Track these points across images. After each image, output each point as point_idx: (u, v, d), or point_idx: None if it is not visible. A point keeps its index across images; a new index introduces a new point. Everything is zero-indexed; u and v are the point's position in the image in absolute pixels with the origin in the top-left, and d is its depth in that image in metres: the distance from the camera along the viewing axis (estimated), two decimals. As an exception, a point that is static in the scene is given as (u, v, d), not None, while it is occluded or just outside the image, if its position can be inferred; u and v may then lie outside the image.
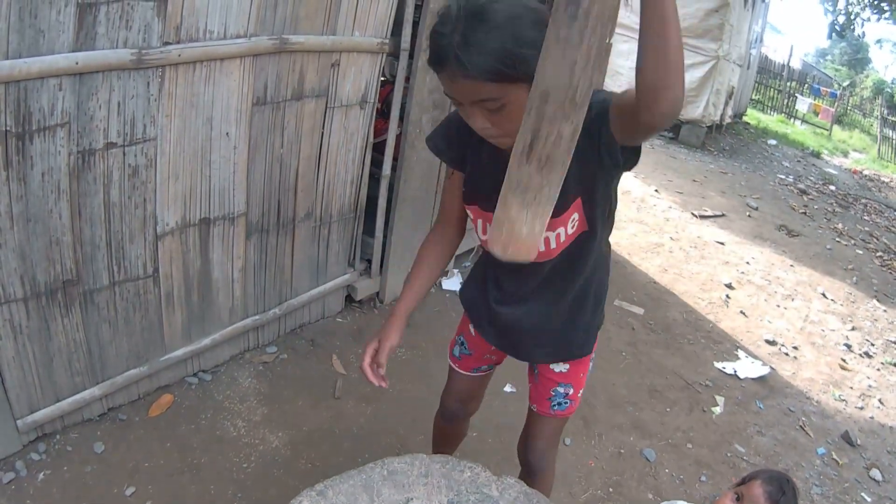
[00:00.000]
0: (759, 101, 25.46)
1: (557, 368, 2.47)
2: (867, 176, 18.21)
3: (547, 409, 2.53)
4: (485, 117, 1.76)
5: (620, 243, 7.51)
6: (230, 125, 3.28)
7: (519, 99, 1.66)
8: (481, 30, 1.61)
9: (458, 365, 2.73)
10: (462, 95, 1.74)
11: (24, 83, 2.43)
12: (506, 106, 1.70)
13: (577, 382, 2.50)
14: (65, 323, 2.98)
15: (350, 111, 3.95)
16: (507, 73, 1.63)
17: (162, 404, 3.52)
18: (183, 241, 3.35)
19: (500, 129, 1.78)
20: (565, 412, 2.54)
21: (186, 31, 2.88)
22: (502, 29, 1.62)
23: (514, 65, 1.62)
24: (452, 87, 1.73)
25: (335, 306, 4.62)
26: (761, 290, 7.26)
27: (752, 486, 2.45)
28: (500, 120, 1.75)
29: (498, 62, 1.62)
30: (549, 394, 2.50)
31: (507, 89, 1.67)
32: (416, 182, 4.63)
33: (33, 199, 2.64)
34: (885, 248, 10.39)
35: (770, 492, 2.40)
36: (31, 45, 2.40)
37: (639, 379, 4.87)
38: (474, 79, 1.65)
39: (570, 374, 2.47)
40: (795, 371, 5.65)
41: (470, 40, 1.61)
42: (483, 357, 2.66)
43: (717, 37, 13.27)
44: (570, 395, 2.50)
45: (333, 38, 3.60)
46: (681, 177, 11.46)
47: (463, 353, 2.70)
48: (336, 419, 3.74)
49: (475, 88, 1.68)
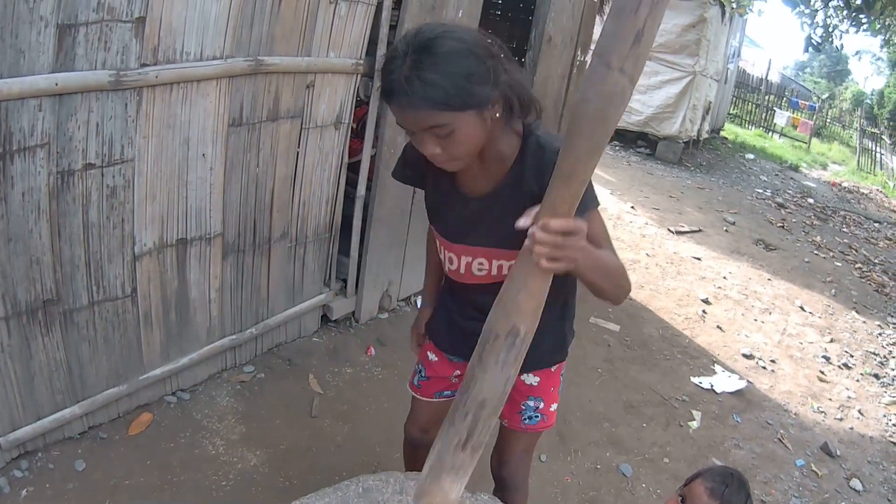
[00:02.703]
0: (737, 115, 25.59)
1: (528, 381, 2.49)
2: (846, 188, 18.32)
3: (518, 423, 2.55)
4: (435, 143, 1.85)
5: (597, 260, 7.50)
6: (207, 146, 3.31)
7: (467, 125, 1.80)
8: (429, 63, 1.72)
9: (420, 392, 2.74)
10: (412, 124, 1.83)
11: (4, 103, 2.45)
12: (455, 131, 1.80)
13: (548, 396, 2.53)
14: (45, 342, 2.99)
15: (325, 132, 3.99)
16: (453, 104, 1.75)
17: (141, 423, 3.53)
18: (160, 262, 3.36)
19: (450, 153, 1.87)
20: (536, 427, 2.56)
21: (164, 53, 2.91)
22: (450, 62, 1.73)
23: (460, 95, 1.75)
24: (404, 118, 1.83)
25: (311, 326, 4.63)
26: (738, 304, 7.31)
27: (694, 485, 2.46)
28: (449, 144, 1.84)
29: (445, 93, 1.73)
30: (520, 407, 2.51)
31: (454, 116, 1.77)
32: (390, 202, 4.66)
33: (14, 218, 2.66)
34: (865, 259, 10.49)
35: (711, 488, 2.40)
36: (12, 66, 2.43)
37: (615, 395, 4.90)
38: (423, 109, 1.75)
39: (540, 387, 2.49)
40: (773, 384, 5.69)
41: (419, 73, 1.72)
42: (447, 380, 2.66)
43: (693, 52, 13.38)
44: (540, 409, 2.52)
45: (308, 60, 3.64)
46: (657, 193, 11.53)
47: (421, 379, 2.71)
48: (313, 437, 3.76)
49: (424, 117, 1.78)
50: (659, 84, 13.69)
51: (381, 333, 4.85)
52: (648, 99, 13.90)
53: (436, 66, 1.72)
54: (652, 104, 13.89)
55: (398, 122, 1.86)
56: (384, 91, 1.82)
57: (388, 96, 1.80)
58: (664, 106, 13.77)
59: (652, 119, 14.07)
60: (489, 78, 1.77)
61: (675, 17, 13.18)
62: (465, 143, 1.85)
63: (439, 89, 1.72)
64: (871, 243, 11.90)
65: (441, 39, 1.75)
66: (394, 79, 1.75)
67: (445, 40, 1.75)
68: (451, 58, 1.74)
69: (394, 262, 4.94)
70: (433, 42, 1.74)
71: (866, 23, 10.17)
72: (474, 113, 1.80)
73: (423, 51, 1.74)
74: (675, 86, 13.59)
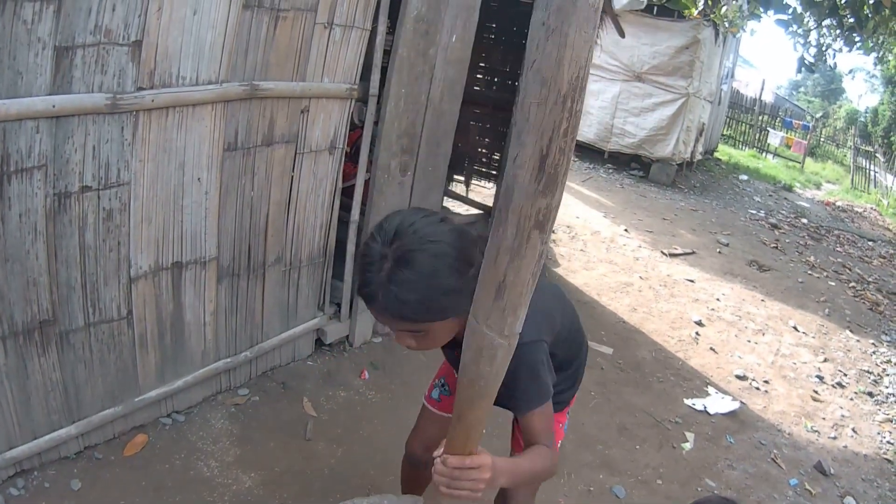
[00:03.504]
0: (731, 136, 25.61)
1: None
2: (840, 207, 18.37)
3: None
4: (410, 337, 1.95)
5: (589, 283, 7.56)
6: (202, 170, 3.34)
7: (441, 328, 1.92)
8: (407, 279, 1.78)
9: (437, 406, 2.78)
10: (388, 324, 1.92)
11: (2, 124, 2.48)
12: (428, 333, 1.91)
13: (557, 433, 2.57)
14: (41, 362, 3.00)
15: (319, 157, 4.02)
16: (428, 318, 1.84)
17: (137, 444, 3.53)
18: (156, 285, 3.39)
19: (426, 345, 1.99)
20: None
21: (160, 77, 2.95)
22: (425, 279, 1.79)
23: (435, 311, 1.84)
24: (379, 318, 1.90)
25: (306, 349, 4.64)
26: (732, 325, 7.33)
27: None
28: (423, 340, 1.95)
29: (420, 310, 1.82)
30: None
31: (427, 324, 1.87)
32: (383, 228, 4.63)
33: (11, 239, 2.68)
34: (858, 278, 10.51)
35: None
36: (10, 87, 2.46)
37: (608, 418, 4.91)
38: (397, 320, 1.85)
39: None
40: (766, 405, 5.71)
41: (396, 288, 1.78)
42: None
43: (687, 74, 13.39)
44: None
45: (303, 85, 3.67)
46: (651, 215, 11.52)
47: (443, 394, 2.75)
48: (307, 460, 3.76)
49: (398, 323, 1.87)
50: (652, 106, 13.70)
51: (375, 357, 4.86)
52: (642, 121, 13.93)
53: (413, 284, 1.78)
54: (645, 126, 13.91)
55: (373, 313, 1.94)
56: (360, 289, 1.88)
57: (365, 299, 1.86)
58: (657, 128, 13.78)
59: (645, 141, 14.08)
60: (468, 288, 1.65)
61: (668, 39, 13.25)
62: (440, 338, 1.97)
63: (415, 307, 1.80)
64: (865, 262, 11.93)
65: (420, 254, 1.80)
66: (370, 285, 1.81)
67: (425, 255, 1.80)
68: (430, 276, 1.80)
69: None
70: (412, 256, 1.79)
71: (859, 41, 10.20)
72: (449, 319, 1.88)
73: (400, 263, 1.79)
74: (668, 108, 13.61)
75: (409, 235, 1.82)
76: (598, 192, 12.43)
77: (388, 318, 1.85)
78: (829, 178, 25.19)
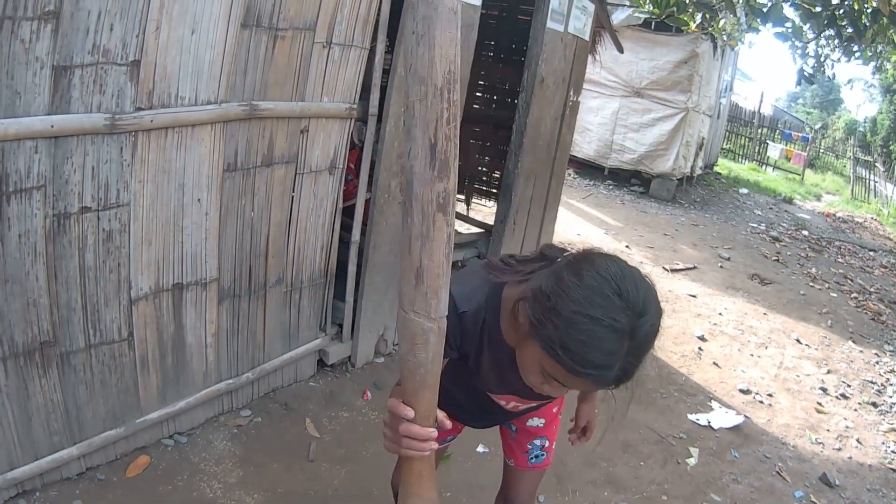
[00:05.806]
0: (730, 149, 25.68)
1: (533, 423, 2.56)
2: (841, 218, 18.37)
3: (525, 462, 2.61)
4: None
5: (592, 300, 7.50)
6: (202, 191, 3.34)
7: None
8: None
9: None
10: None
11: (1, 144, 2.49)
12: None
13: (552, 435, 2.62)
14: (42, 383, 2.99)
15: (319, 177, 4.02)
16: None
17: (139, 465, 3.52)
18: (156, 306, 3.38)
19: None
20: (542, 464, 2.63)
21: (158, 97, 2.95)
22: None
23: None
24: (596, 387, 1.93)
25: (308, 370, 4.62)
26: (734, 340, 7.31)
27: None
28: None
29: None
30: (527, 447, 2.58)
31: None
32: (385, 247, 4.68)
33: (10, 260, 2.68)
34: (860, 288, 10.49)
35: None
36: (8, 107, 2.46)
37: (612, 435, 4.86)
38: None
39: (546, 427, 2.58)
40: (770, 418, 5.69)
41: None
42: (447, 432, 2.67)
43: (686, 88, 13.38)
44: (545, 447, 2.60)
45: (302, 104, 3.68)
46: (652, 231, 11.52)
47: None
48: (310, 481, 3.75)
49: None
50: (651, 122, 13.70)
51: (378, 378, 4.85)
52: (641, 137, 13.92)
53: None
54: (645, 142, 13.90)
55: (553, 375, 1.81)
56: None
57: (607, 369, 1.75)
58: (657, 143, 13.77)
59: (645, 157, 14.06)
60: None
61: (666, 54, 13.26)
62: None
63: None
64: (867, 272, 11.92)
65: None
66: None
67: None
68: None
69: (389, 307, 4.94)
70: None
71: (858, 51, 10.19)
72: None
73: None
74: (667, 123, 13.60)
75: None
76: (599, 208, 12.44)
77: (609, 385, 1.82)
78: (829, 190, 25.21)
